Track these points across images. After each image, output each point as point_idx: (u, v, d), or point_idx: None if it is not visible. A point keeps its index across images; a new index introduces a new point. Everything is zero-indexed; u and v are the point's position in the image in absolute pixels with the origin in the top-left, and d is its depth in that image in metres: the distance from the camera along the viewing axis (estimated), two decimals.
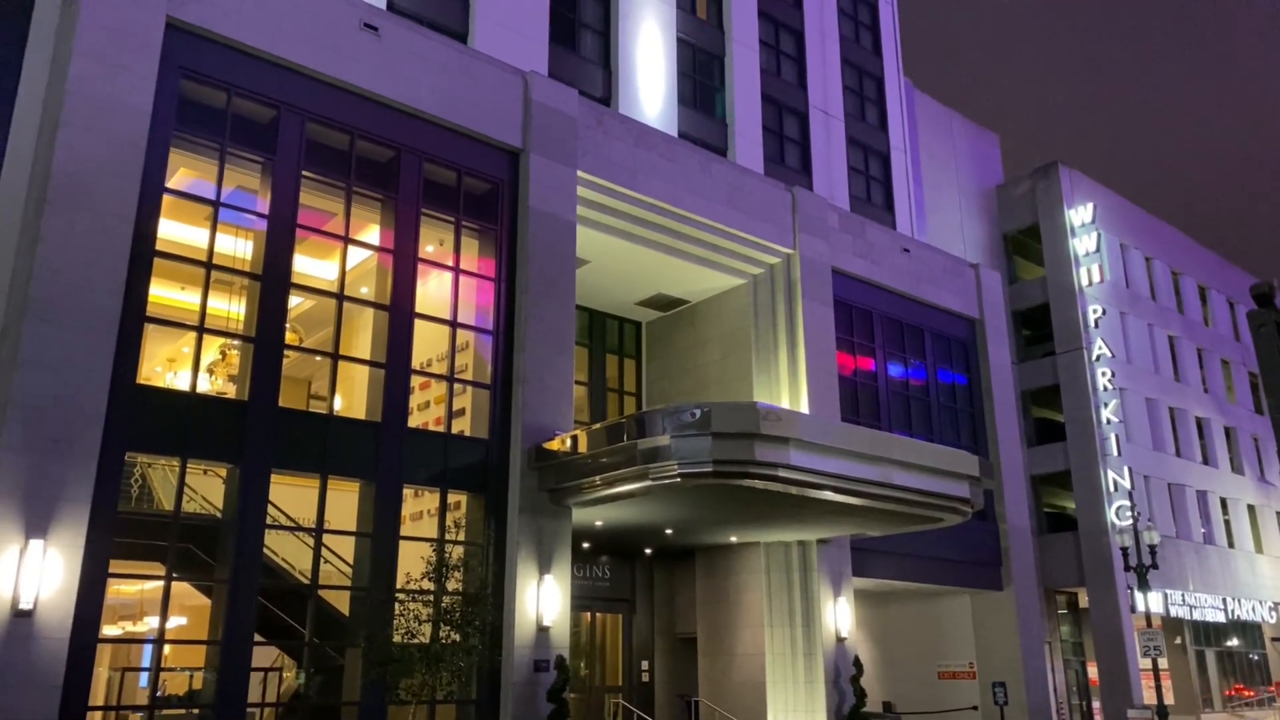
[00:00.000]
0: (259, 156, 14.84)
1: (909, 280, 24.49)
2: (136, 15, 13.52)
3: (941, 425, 24.40)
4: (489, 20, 20.84)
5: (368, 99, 15.89)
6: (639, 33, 24.09)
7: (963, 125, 40.42)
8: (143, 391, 13.21)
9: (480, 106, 17.11)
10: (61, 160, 12.54)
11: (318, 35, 15.37)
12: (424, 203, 16.42)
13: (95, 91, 12.95)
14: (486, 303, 16.95)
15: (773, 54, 28.38)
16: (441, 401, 16.70)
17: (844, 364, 22.45)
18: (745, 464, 13.98)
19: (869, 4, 32.55)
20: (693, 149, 20.54)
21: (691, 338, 22.73)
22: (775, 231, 21.28)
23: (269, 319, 14.32)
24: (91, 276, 12.42)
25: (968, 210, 38.87)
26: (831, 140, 28.93)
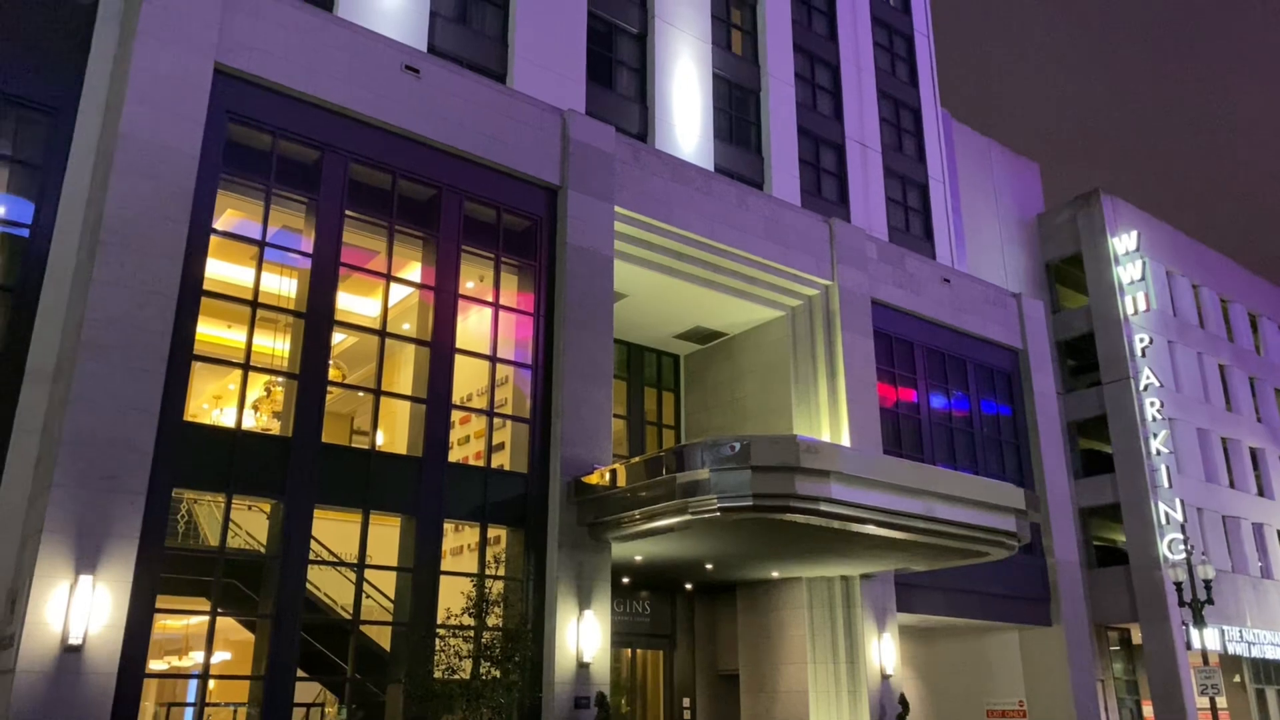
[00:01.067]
0: (303, 197, 15.15)
1: (950, 310, 24.28)
2: (187, 62, 13.93)
3: (986, 457, 24.04)
4: (527, 61, 21.17)
5: (409, 139, 16.18)
6: (675, 69, 24.32)
7: (1002, 154, 40.18)
8: (190, 428, 13.44)
9: (519, 145, 17.35)
10: (114, 203, 12.89)
11: (361, 78, 15.71)
12: (464, 240, 16.63)
13: (147, 136, 13.33)
14: (526, 337, 17.08)
15: (808, 87, 28.50)
16: (481, 436, 16.79)
17: (885, 396, 22.24)
18: (786, 498, 13.86)
19: (904, 36, 32.61)
20: (729, 183, 20.62)
21: (729, 370, 22.68)
22: (813, 263, 21.23)
23: (313, 356, 14.53)
24: (141, 316, 12.70)
25: (1009, 239, 38.53)
26: (869, 172, 28.88)
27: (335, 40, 15.64)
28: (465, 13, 20.96)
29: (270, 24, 14.98)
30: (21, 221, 13.84)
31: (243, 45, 14.60)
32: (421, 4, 19.77)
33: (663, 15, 24.48)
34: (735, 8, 27.12)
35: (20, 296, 13.43)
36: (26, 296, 13.44)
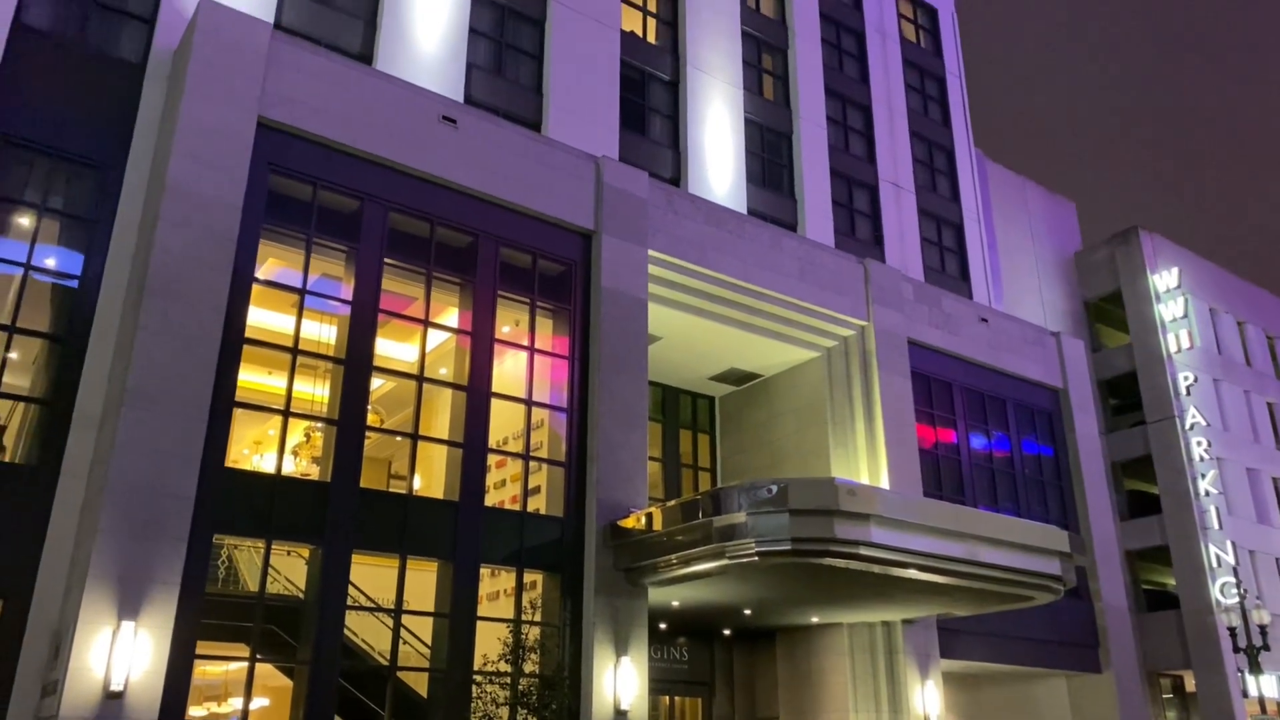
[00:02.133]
0: (343, 245, 15.42)
1: (988, 350, 24.04)
2: (231, 117, 14.31)
3: (1028, 499, 23.62)
4: (562, 109, 21.50)
5: (447, 188, 16.44)
6: (707, 115, 24.56)
7: (1037, 193, 39.98)
8: (230, 474, 13.59)
9: (554, 191, 17.56)
10: (159, 254, 13.19)
11: (399, 129, 16.03)
12: (500, 285, 16.80)
13: (192, 189, 13.67)
14: (561, 380, 17.15)
15: (840, 130, 28.62)
16: (517, 479, 16.82)
17: (924, 436, 21.99)
18: (825, 542, 13.69)
19: (936, 78, 32.72)
20: (762, 225, 20.69)
21: (766, 412, 22.56)
22: (848, 304, 21.17)
23: (351, 401, 14.69)
24: (185, 364, 12.93)
25: (1046, 278, 38.19)
26: (903, 212, 28.85)
27: (374, 93, 16.00)
28: (501, 64, 21.38)
29: (311, 78, 15.38)
30: (71, 273, 14.22)
31: (284, 99, 14.98)
32: (458, 56, 20.19)
33: (694, 63, 24.79)
34: (766, 54, 27.40)
35: (68, 346, 13.76)
36: (74, 346, 13.76)
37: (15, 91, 14.27)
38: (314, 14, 18.62)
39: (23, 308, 13.69)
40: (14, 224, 14.14)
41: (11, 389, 13.67)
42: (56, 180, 14.53)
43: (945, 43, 33.55)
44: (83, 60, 15.27)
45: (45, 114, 14.47)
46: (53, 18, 15.42)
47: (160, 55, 15.79)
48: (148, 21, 16.20)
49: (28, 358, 14.24)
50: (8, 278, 13.93)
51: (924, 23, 33.56)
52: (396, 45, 19.30)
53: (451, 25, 20.30)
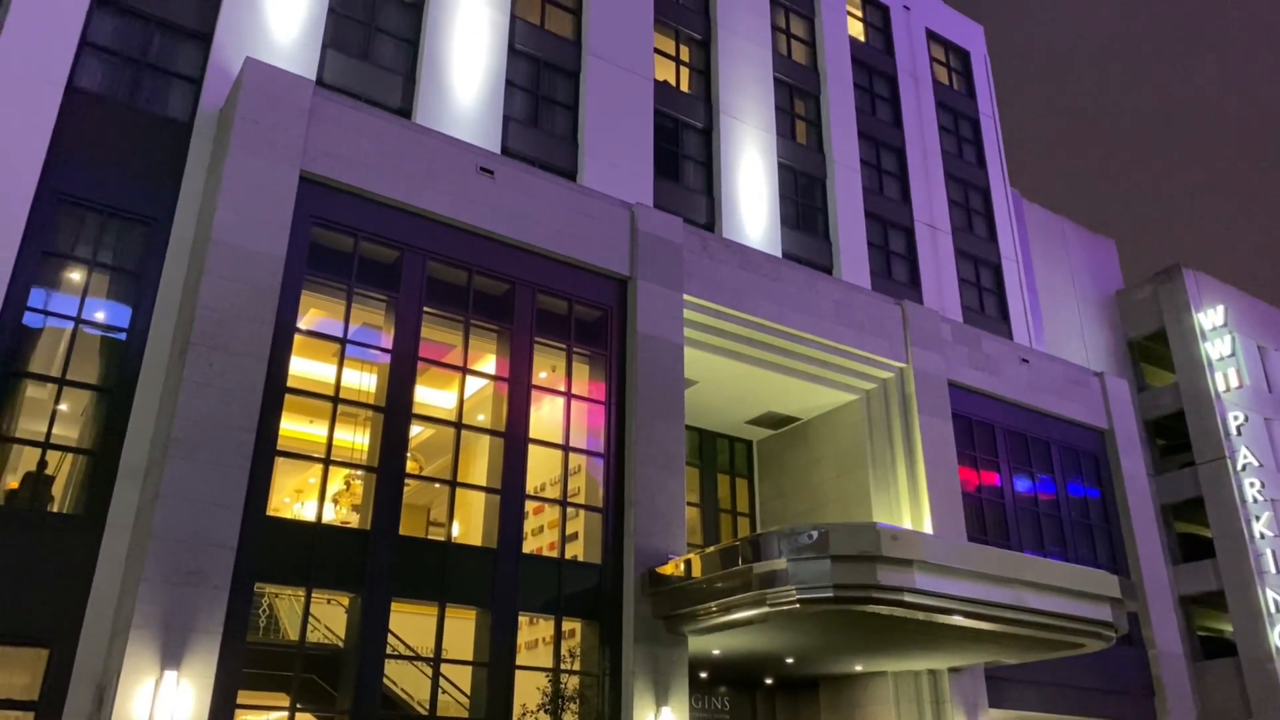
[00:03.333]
0: (383, 295, 15.64)
1: (1030, 391, 23.72)
2: (274, 172, 14.66)
3: (1076, 543, 23.11)
4: (597, 158, 21.77)
5: (485, 237, 16.67)
6: (740, 161, 24.74)
7: (1075, 232, 39.66)
8: (272, 523, 13.70)
9: (589, 239, 17.73)
10: (204, 306, 13.47)
11: (438, 181, 16.31)
12: (537, 331, 16.92)
13: (236, 242, 13.98)
14: (597, 425, 17.15)
15: (874, 172, 28.67)
16: (555, 526, 16.77)
17: (967, 480, 21.66)
18: (868, 588, 13.45)
19: (970, 119, 32.73)
20: (797, 268, 20.69)
21: (805, 456, 22.37)
22: (886, 346, 21.03)
23: (391, 449, 14.79)
24: (228, 414, 13.12)
25: (1088, 318, 37.71)
26: (940, 253, 28.73)
27: (413, 146, 16.33)
28: (537, 115, 21.74)
29: (352, 133, 15.73)
30: (119, 326, 14.55)
31: (326, 153, 15.33)
32: (495, 109, 20.57)
33: (727, 110, 25.04)
34: (799, 99, 27.61)
35: (115, 397, 14.04)
36: (121, 397, 14.04)
37: (68, 152, 14.75)
38: (355, 71, 19.10)
39: (72, 360, 14.03)
40: (65, 279, 14.54)
41: (60, 440, 13.94)
42: (107, 236, 14.94)
43: (978, 84, 33.60)
44: (132, 120, 15.77)
45: (97, 173, 14.93)
46: (104, 80, 15.97)
47: (207, 113, 16.27)
48: (195, 81, 16.71)
49: (76, 409, 14.55)
50: (59, 331, 14.29)
51: (956, 65, 33.67)
52: (435, 99, 19.72)
53: (488, 79, 20.71)
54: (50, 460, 13.80)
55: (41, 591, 12.69)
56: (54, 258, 14.40)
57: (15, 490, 13.51)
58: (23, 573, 12.70)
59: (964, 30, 34.38)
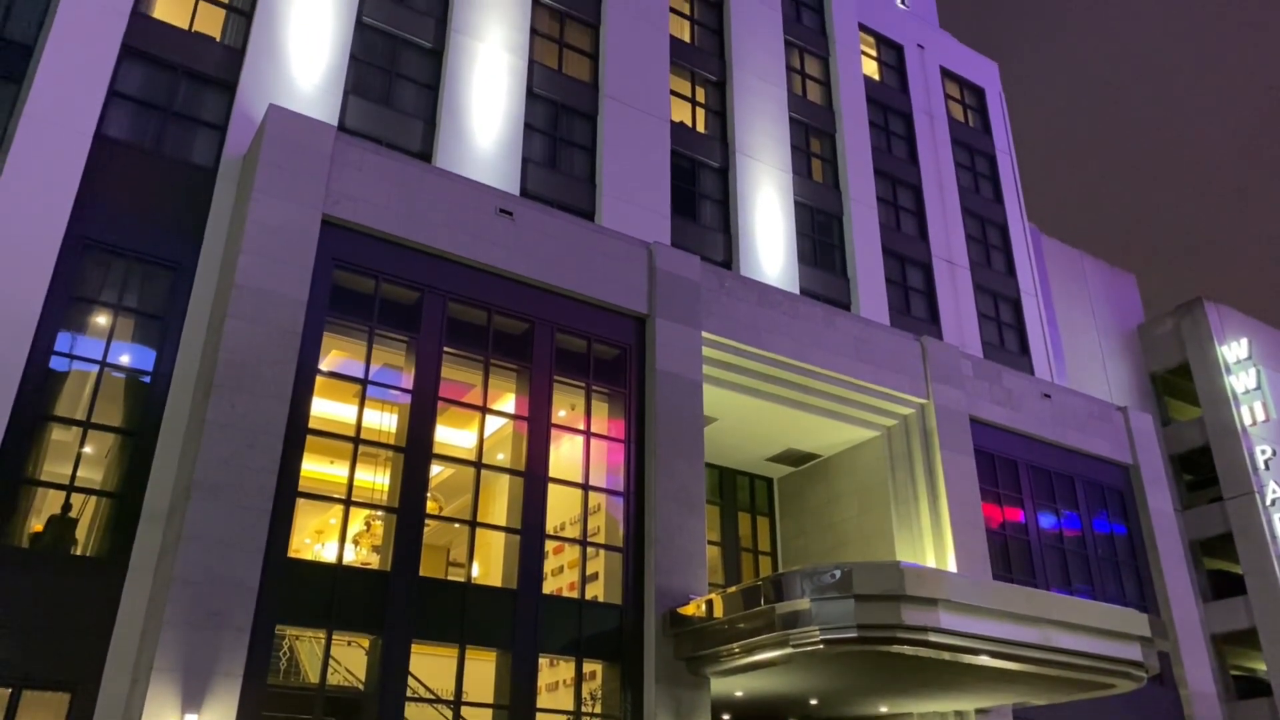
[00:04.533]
0: (404, 335, 15.75)
1: (1053, 426, 23.51)
2: (297, 216, 14.87)
3: (1103, 580, 22.75)
4: (614, 198, 21.96)
5: (504, 277, 16.79)
6: (756, 199, 24.87)
7: (1095, 266, 39.54)
8: (293, 565, 13.70)
9: (608, 277, 17.82)
10: (227, 348, 13.60)
11: (458, 223, 16.48)
12: (556, 370, 16.96)
13: (259, 285, 14.15)
14: (617, 463, 17.12)
15: (891, 209, 28.75)
16: (575, 566, 16.68)
17: (990, 516, 21.42)
18: (892, 628, 13.27)
19: (986, 155, 32.82)
20: (816, 305, 20.70)
21: (826, 493, 22.21)
22: (907, 382, 20.94)
23: (411, 489, 14.80)
24: (250, 455, 13.19)
25: (1109, 352, 37.45)
26: (958, 289, 28.68)
27: (434, 188, 16.52)
28: (555, 157, 21.98)
29: (373, 176, 15.95)
30: (143, 369, 14.71)
31: (348, 197, 15.53)
32: (514, 151, 20.82)
33: (743, 150, 25.23)
34: (814, 138, 27.79)
35: (139, 440, 14.16)
36: (145, 439, 14.16)
37: (96, 198, 15.02)
38: (376, 116, 19.41)
39: (97, 403, 14.18)
40: (91, 323, 14.73)
41: (84, 482, 14.05)
42: (132, 280, 15.16)
43: (994, 120, 33.73)
44: (158, 167, 16.06)
45: (123, 219, 15.19)
46: (131, 129, 16.30)
47: (231, 159, 16.55)
48: (219, 128, 17.02)
49: (101, 451, 14.67)
50: (84, 374, 14.46)
51: (971, 102, 33.84)
52: (455, 143, 19.99)
53: (507, 122, 20.98)
54: (74, 503, 13.90)
55: (64, 635, 12.72)
56: (80, 302, 14.62)
57: (39, 533, 13.61)
58: (46, 616, 12.75)
59: (978, 67, 34.61)
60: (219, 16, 18.36)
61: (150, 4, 17.61)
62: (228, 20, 18.37)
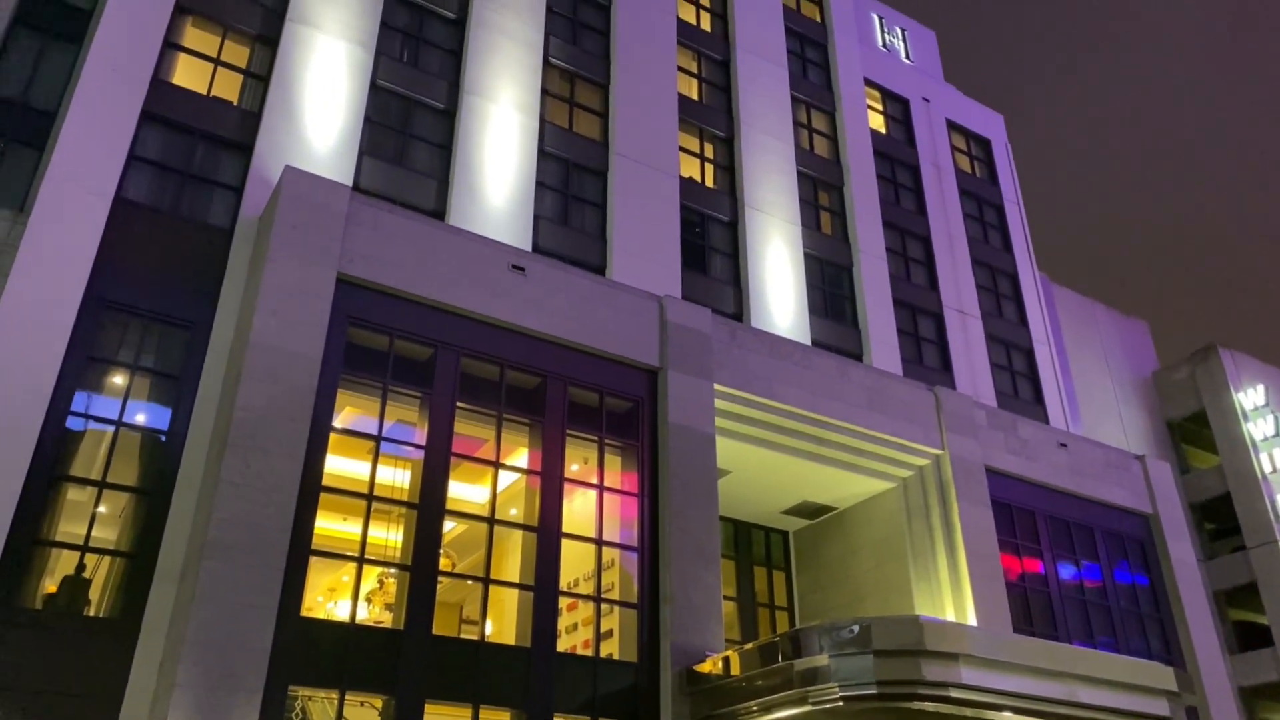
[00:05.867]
0: (417, 391, 15.80)
1: (1070, 476, 23.29)
2: (312, 275, 15.03)
3: (1126, 633, 22.34)
4: (625, 252, 22.14)
5: (516, 332, 16.88)
6: (766, 252, 25.04)
7: (1107, 314, 39.51)
8: (306, 624, 13.60)
9: (619, 331, 17.90)
10: (242, 407, 13.67)
11: (470, 279, 16.63)
12: (568, 424, 16.95)
13: (274, 344, 14.26)
14: (631, 517, 17.01)
15: (901, 260, 28.89)
16: (589, 623, 16.50)
17: (1009, 568, 21.13)
18: (912, 684, 13.04)
19: (994, 206, 33.03)
20: (828, 355, 20.70)
21: (842, 546, 21.98)
22: (920, 432, 20.84)
23: (424, 546, 14.73)
24: (264, 514, 13.18)
25: (1125, 400, 37.24)
26: (970, 339, 28.67)
27: (447, 246, 16.70)
28: (566, 214, 22.23)
29: (387, 235, 16.14)
30: (158, 428, 14.79)
31: (362, 255, 15.71)
32: (526, 209, 21.07)
33: (752, 203, 25.47)
34: (823, 191, 28.05)
35: (154, 499, 14.18)
36: (159, 499, 14.18)
37: (114, 260, 15.25)
38: (390, 175, 19.71)
39: (113, 462, 14.23)
40: (108, 383, 14.85)
41: (99, 542, 14.05)
42: (149, 340, 15.32)
43: (1000, 171, 34.01)
44: (175, 228, 16.32)
45: (141, 280, 15.40)
46: (150, 191, 16.61)
47: (247, 220, 16.80)
48: (236, 190, 17.32)
49: (115, 511, 14.68)
50: (100, 434, 14.53)
51: (978, 154, 34.16)
52: (468, 201, 20.25)
53: (519, 180, 21.27)
54: (88, 563, 13.88)
55: (77, 697, 12.63)
56: (97, 362, 14.76)
57: (53, 594, 13.57)
58: (59, 678, 12.66)
59: (984, 119, 34.99)
60: (236, 81, 18.78)
61: (170, 71, 18.04)
62: (245, 85, 18.79)
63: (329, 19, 19.97)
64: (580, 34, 24.82)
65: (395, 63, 20.98)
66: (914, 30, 35.60)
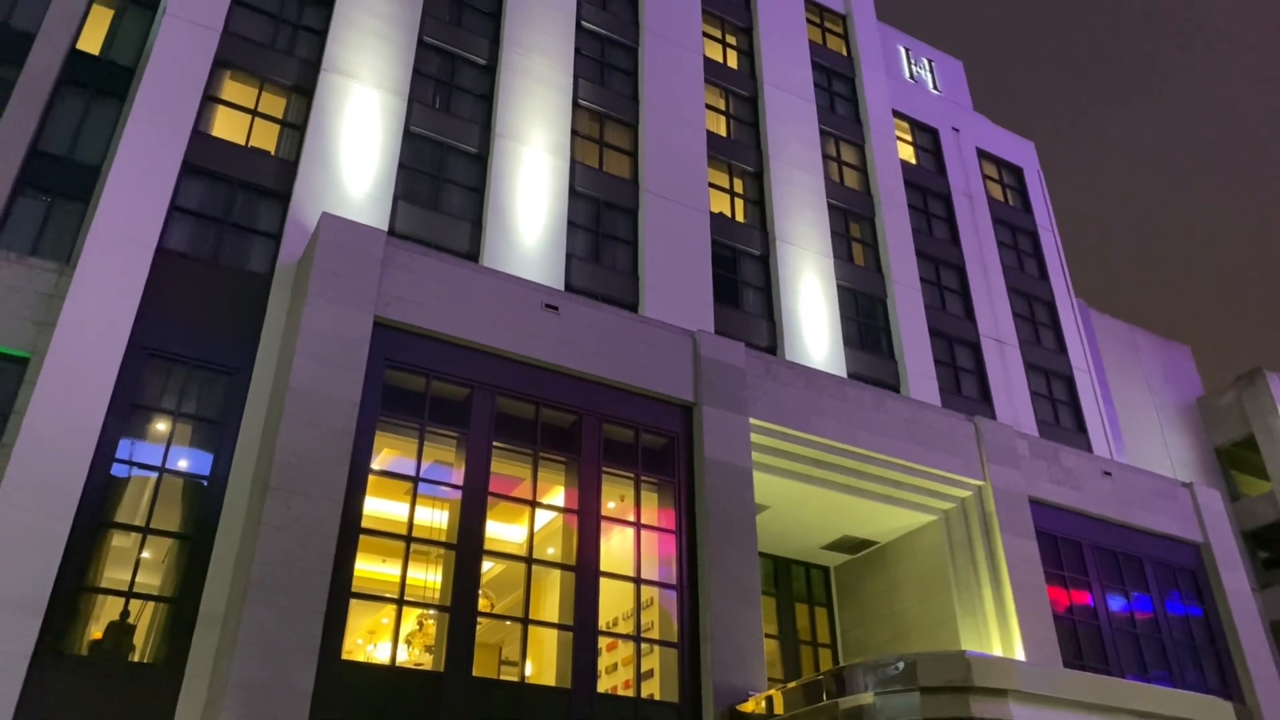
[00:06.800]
0: (454, 431, 15.88)
1: (1116, 505, 22.81)
2: (349, 319, 15.23)
3: (1180, 665, 21.72)
4: (657, 289, 22.21)
5: (551, 370, 16.95)
6: (799, 285, 25.00)
7: (1148, 340, 38.91)
8: (347, 667, 13.60)
9: (653, 367, 17.91)
10: (282, 451, 13.81)
11: (505, 319, 16.76)
12: (604, 461, 16.93)
13: (313, 388, 14.42)
14: (669, 554, 16.89)
15: (935, 290, 28.70)
16: (630, 663, 16.35)
17: (1057, 600, 20.67)
18: None
19: (1028, 233, 32.79)
20: (865, 387, 20.54)
21: (884, 581, 21.65)
22: (961, 464, 20.55)
23: (463, 587, 14.71)
24: (305, 557, 13.25)
25: (1169, 426, 36.53)
26: (1009, 367, 28.34)
27: (481, 287, 16.87)
28: (598, 252, 22.39)
29: (422, 278, 16.34)
30: (200, 473, 14.97)
31: (398, 299, 15.90)
32: (558, 248, 21.25)
33: (783, 237, 25.49)
34: (854, 222, 28.02)
35: (196, 544, 14.32)
36: (202, 543, 14.32)
37: (157, 309, 15.56)
38: (425, 219, 19.99)
39: (156, 508, 14.41)
40: (151, 429, 15.09)
41: (142, 588, 14.19)
42: (191, 386, 15.57)
43: (1033, 198, 33.80)
44: (215, 276, 16.65)
45: (183, 327, 15.69)
46: (190, 240, 17.00)
47: (285, 266, 17.09)
48: (274, 237, 17.66)
49: (158, 556, 14.84)
50: (144, 480, 14.74)
51: (1010, 181, 33.99)
52: (501, 242, 20.47)
53: (551, 220, 21.48)
54: (132, 608, 14.01)
55: None
56: (141, 410, 15.01)
57: (99, 640, 13.70)
58: None
59: (1015, 147, 34.86)
60: (273, 131, 19.21)
61: (209, 123, 18.50)
62: (281, 134, 19.22)
63: (363, 68, 20.41)
64: (608, 76, 25.14)
65: (428, 109, 21.35)
66: (941, 61, 35.66)
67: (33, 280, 15.32)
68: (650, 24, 26.35)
